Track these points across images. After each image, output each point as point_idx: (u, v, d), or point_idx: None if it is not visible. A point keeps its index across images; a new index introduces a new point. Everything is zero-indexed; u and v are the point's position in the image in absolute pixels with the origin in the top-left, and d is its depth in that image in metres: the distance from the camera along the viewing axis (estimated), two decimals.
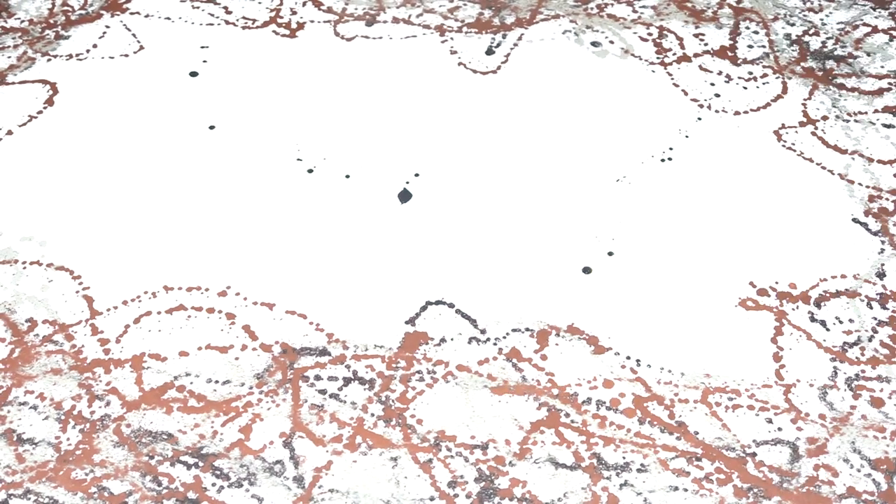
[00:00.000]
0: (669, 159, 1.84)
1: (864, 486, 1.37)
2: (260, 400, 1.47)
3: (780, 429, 1.43)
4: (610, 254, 1.68)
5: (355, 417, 1.45)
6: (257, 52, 2.09)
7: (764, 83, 1.99)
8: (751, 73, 2.02)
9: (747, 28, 2.13)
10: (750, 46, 2.08)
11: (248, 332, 1.56)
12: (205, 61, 2.06)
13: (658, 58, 2.06)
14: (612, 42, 2.10)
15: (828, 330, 1.56)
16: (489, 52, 2.08)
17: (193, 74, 2.03)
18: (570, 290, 1.62)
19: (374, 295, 1.62)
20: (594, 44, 2.10)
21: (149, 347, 1.54)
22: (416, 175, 1.82)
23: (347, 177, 1.82)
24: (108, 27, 2.15)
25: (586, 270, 1.65)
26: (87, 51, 2.09)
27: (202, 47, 2.10)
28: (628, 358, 1.52)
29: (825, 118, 1.92)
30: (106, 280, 1.64)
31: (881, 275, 1.64)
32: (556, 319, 1.58)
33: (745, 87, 1.99)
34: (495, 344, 1.55)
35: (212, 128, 1.92)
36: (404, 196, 1.78)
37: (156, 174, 1.82)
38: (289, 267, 1.66)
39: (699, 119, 1.92)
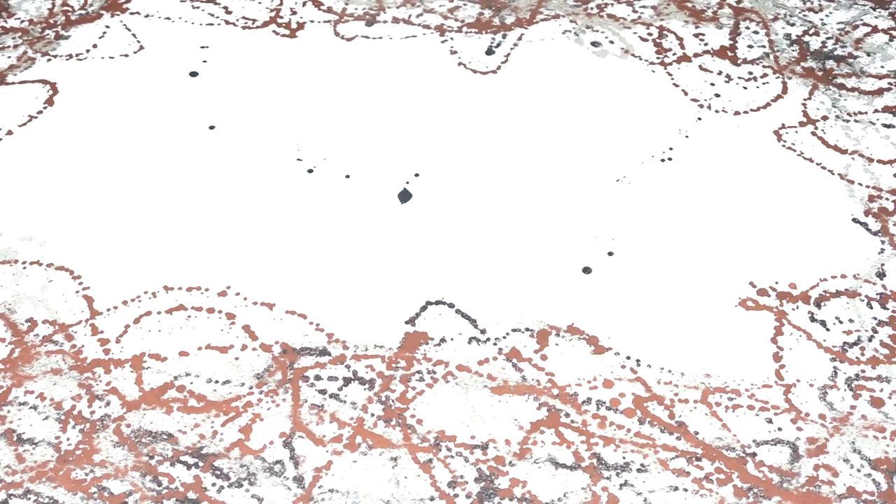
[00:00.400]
0: (669, 159, 1.84)
1: (864, 486, 1.37)
2: (260, 400, 1.47)
3: (780, 429, 1.43)
4: (610, 254, 1.68)
5: (355, 417, 1.45)
6: (257, 52, 2.09)
7: (764, 83, 1.99)
8: (751, 73, 2.02)
9: (747, 28, 2.13)
10: (750, 46, 2.08)
11: (248, 332, 1.56)
12: (205, 61, 2.06)
13: (658, 58, 2.06)
14: (612, 42, 2.10)
15: (828, 330, 1.56)
16: (489, 52, 2.08)
17: (193, 74, 2.03)
18: (570, 290, 1.62)
19: (374, 295, 1.62)
20: (594, 44, 2.10)
21: (149, 347, 1.54)
22: (416, 175, 1.82)
23: (347, 177, 1.82)
24: (108, 27, 2.15)
25: (586, 270, 1.65)
26: (87, 51, 2.09)
27: (202, 47, 2.10)
28: (628, 358, 1.52)
29: (825, 118, 1.92)
30: (106, 280, 1.64)
31: (881, 275, 1.64)
32: (556, 319, 1.58)
33: (745, 87, 1.99)
34: (495, 344, 1.55)
35: (212, 128, 1.92)
36: (404, 196, 1.78)
37: (156, 174, 1.82)
38: (289, 267, 1.66)
39: (699, 119, 1.92)
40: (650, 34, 2.11)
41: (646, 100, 1.96)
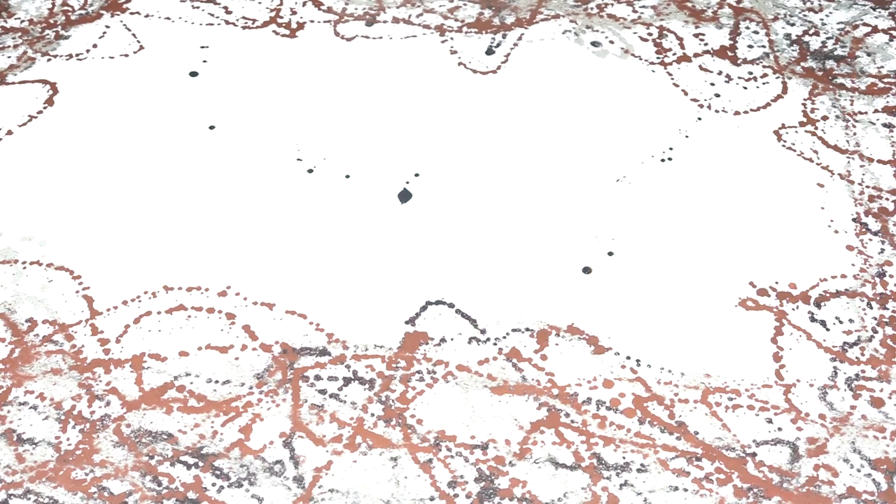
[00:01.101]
0: (669, 159, 1.84)
1: (864, 486, 1.37)
2: (260, 400, 1.47)
3: (780, 429, 1.43)
4: (610, 254, 1.68)
5: (355, 417, 1.45)
6: (257, 52, 2.09)
7: (764, 83, 1.99)
8: (751, 73, 2.02)
9: (747, 28, 2.13)
10: (750, 46, 2.08)
11: (248, 332, 1.56)
12: (205, 61, 2.06)
13: (658, 58, 2.06)
14: (612, 42, 2.10)
15: (828, 330, 1.56)
16: (489, 52, 2.08)
17: (193, 74, 2.03)
18: (570, 290, 1.62)
19: (374, 295, 1.62)
20: (594, 44, 2.10)
21: (149, 347, 1.54)
22: (416, 175, 1.82)
23: (347, 177, 1.82)
24: (108, 27, 2.15)
25: (586, 270, 1.65)
26: (87, 51, 2.09)
27: (202, 47, 2.10)
28: (628, 358, 1.52)
29: (825, 118, 1.92)
30: (106, 280, 1.64)
31: (881, 275, 1.64)
32: (556, 319, 1.58)
33: (745, 87, 1.99)
34: (495, 344, 1.55)
35: (212, 128, 1.92)
36: (404, 196, 1.78)
37: (156, 174, 1.82)
38: (289, 267, 1.66)
39: (699, 119, 1.92)
40: (650, 34, 2.11)
41: (646, 100, 1.96)
